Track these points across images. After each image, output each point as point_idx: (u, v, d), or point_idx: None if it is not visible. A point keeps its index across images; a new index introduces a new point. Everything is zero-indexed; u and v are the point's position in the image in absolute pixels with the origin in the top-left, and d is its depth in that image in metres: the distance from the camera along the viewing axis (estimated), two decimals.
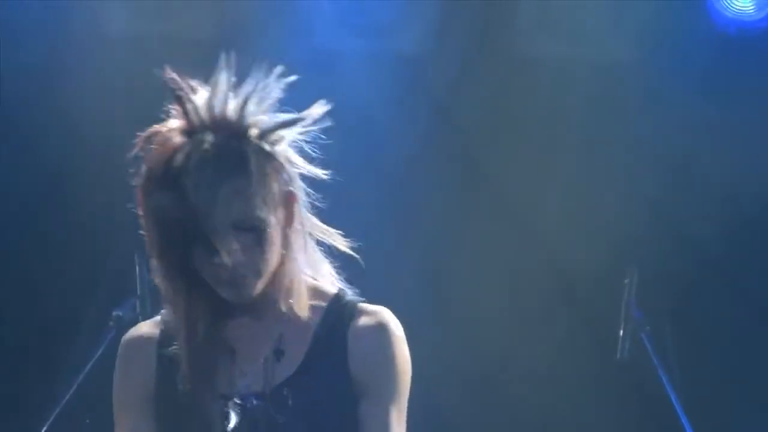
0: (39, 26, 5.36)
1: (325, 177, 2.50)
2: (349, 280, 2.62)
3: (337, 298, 2.71)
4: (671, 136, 4.93)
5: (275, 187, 2.56)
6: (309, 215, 2.64)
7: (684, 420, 4.56)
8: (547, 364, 5.08)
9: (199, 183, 2.49)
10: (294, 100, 4.25)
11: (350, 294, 2.71)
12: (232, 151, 2.50)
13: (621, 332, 4.67)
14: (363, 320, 2.73)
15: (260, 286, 2.62)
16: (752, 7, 5.01)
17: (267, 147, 2.52)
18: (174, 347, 2.76)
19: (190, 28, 5.00)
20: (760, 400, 5.05)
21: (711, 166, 4.92)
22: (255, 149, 2.51)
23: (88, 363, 4.73)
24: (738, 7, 5.01)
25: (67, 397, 4.65)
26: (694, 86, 4.93)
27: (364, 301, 2.68)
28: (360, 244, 3.59)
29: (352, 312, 2.71)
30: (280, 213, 2.59)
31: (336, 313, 2.73)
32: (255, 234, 2.54)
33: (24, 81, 5.39)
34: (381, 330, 2.71)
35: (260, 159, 2.52)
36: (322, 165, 3.15)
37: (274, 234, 2.58)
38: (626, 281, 4.63)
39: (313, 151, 2.96)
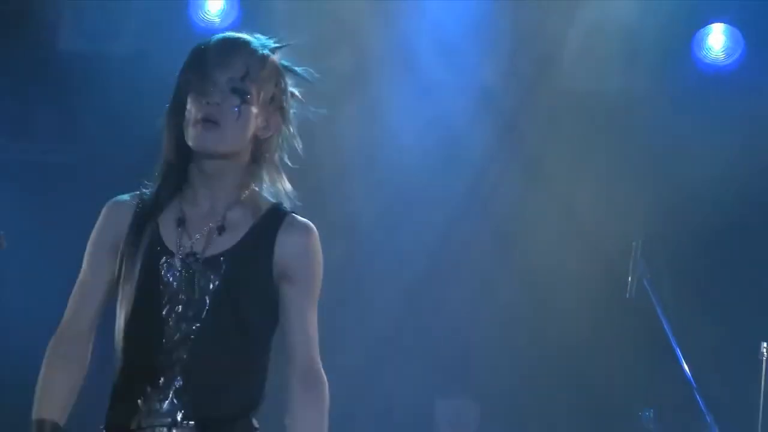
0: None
1: (316, 117, 3.28)
2: (302, 199, 3.30)
3: (276, 205, 3.24)
4: (669, 144, 6.42)
5: (268, 82, 3.21)
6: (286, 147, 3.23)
7: (673, 342, 5.81)
8: (578, 301, 6.40)
9: (214, 50, 3.21)
10: (404, 124, 5.70)
11: (290, 202, 3.30)
12: (247, 42, 3.23)
13: (629, 278, 5.83)
14: (292, 222, 3.25)
15: (223, 143, 3.21)
16: (723, 56, 6.56)
17: (273, 57, 3.24)
18: (146, 211, 3.36)
19: None
20: (734, 333, 6.31)
21: (697, 163, 6.28)
22: (263, 53, 3.21)
23: None
24: (713, 56, 6.58)
25: None
26: (685, 108, 6.41)
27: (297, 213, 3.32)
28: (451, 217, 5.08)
29: (285, 215, 3.24)
30: (264, 110, 3.22)
31: (272, 214, 3.25)
32: (240, 100, 3.13)
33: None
34: (305, 232, 3.27)
35: (264, 57, 3.21)
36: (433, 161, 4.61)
37: (252, 112, 3.17)
38: (634, 243, 5.80)
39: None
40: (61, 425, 3.34)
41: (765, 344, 5.72)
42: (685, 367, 5.94)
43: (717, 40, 6.74)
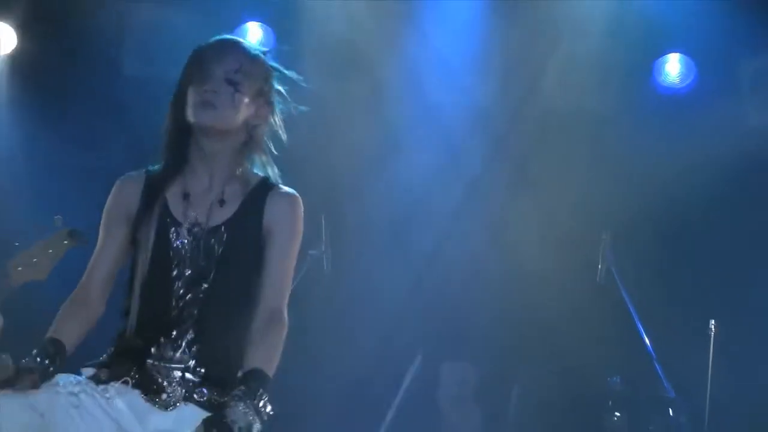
0: None
1: (299, 110, 3.63)
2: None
3: (264, 179, 3.59)
4: (634, 154, 7.06)
5: (257, 78, 3.52)
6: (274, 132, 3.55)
7: (636, 320, 6.48)
8: (556, 285, 7.05)
9: (212, 48, 3.53)
10: (411, 136, 6.40)
11: (275, 175, 3.62)
12: (240, 43, 3.58)
13: (599, 266, 6.55)
14: (279, 192, 3.59)
15: (220, 120, 3.49)
16: (678, 80, 7.41)
17: (263, 58, 3.55)
18: (155, 185, 3.58)
19: None
20: (688, 312, 6.82)
21: (657, 169, 6.98)
22: (255, 53, 3.54)
23: None
24: (670, 81, 7.39)
25: None
26: (647, 124, 7.15)
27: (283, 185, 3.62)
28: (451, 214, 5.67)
29: (273, 187, 3.58)
30: (254, 102, 3.53)
31: (261, 186, 3.58)
32: (233, 89, 3.46)
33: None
34: (288, 199, 3.61)
35: (255, 56, 3.54)
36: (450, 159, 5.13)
37: (243, 100, 3.49)
38: (603, 236, 6.58)
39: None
40: (67, 351, 3.56)
41: (713, 322, 6.38)
42: (646, 340, 6.54)
43: (673, 67, 7.43)
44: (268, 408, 3.48)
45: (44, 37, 7.28)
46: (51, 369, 3.49)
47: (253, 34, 7.04)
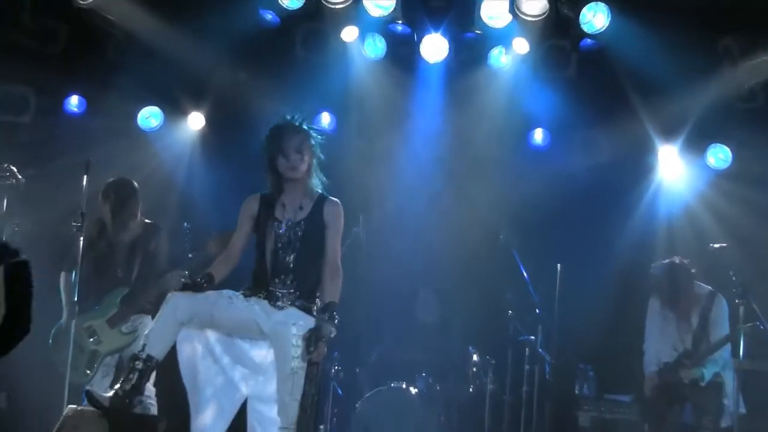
0: None
1: (323, 158, 5.43)
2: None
3: (321, 193, 5.42)
4: (516, 178, 9.26)
5: (308, 143, 5.44)
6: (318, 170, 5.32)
7: (521, 265, 8.55)
8: (475, 245, 9.37)
9: (285, 133, 5.39)
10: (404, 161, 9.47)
11: (326, 189, 5.39)
12: (298, 127, 5.48)
13: (500, 236, 8.66)
14: (330, 201, 5.43)
15: (300, 174, 5.32)
16: (541, 143, 9.39)
17: (310, 133, 5.48)
18: (267, 202, 5.37)
19: None
20: (549, 264, 8.57)
21: (532, 186, 9.24)
22: (307, 133, 5.45)
23: None
24: (536, 143, 9.38)
25: None
26: (525, 164, 9.48)
27: (332, 197, 5.37)
28: (427, 207, 9.04)
29: (326, 198, 5.42)
30: (309, 157, 5.44)
31: (320, 198, 5.42)
32: (300, 157, 5.35)
33: None
34: (336, 206, 5.49)
35: (307, 134, 5.46)
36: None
37: (305, 161, 5.40)
38: (501, 217, 8.93)
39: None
40: (215, 281, 5.43)
41: (559, 265, 8.42)
42: (525, 275, 8.73)
43: (539, 136, 9.90)
44: (336, 320, 5.27)
45: (220, 116, 9.73)
46: (206, 286, 5.33)
47: (323, 119, 9.64)
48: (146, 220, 7.84)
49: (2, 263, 4.61)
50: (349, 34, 9.33)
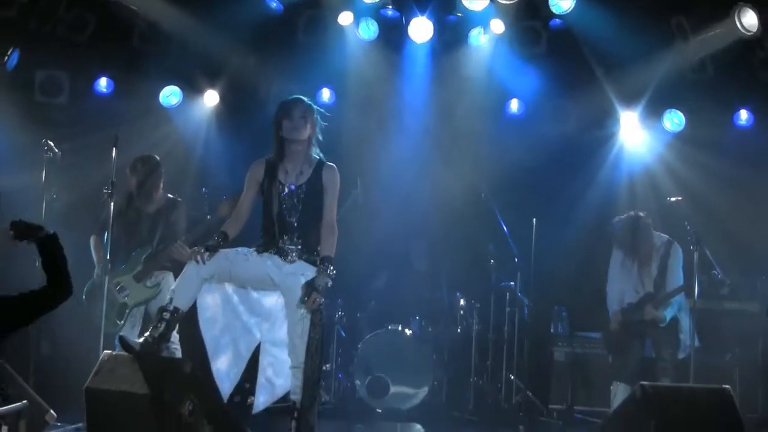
0: None
1: (325, 123, 5.90)
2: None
3: (320, 159, 5.98)
4: (496, 147, 9.91)
5: (312, 115, 6.00)
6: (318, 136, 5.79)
7: (500, 219, 9.12)
8: (459, 205, 9.97)
9: (292, 102, 6.00)
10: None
11: (324, 158, 5.92)
12: (303, 100, 6.06)
13: (482, 194, 8.99)
14: (327, 166, 5.97)
15: (302, 137, 5.83)
16: (517, 112, 10.08)
17: (314, 108, 6.03)
18: (272, 166, 5.89)
19: None
20: (525, 220, 8.96)
21: (508, 153, 9.91)
22: (309, 104, 6.01)
23: None
24: (512, 112, 9.94)
25: None
26: (502, 133, 10.10)
27: (329, 161, 5.87)
28: (417, 180, 9.83)
29: (324, 164, 5.97)
30: (311, 126, 5.99)
31: (319, 163, 5.98)
32: (304, 120, 5.93)
33: None
34: (333, 170, 6.01)
35: (311, 107, 6.03)
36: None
37: (309, 126, 5.96)
38: (483, 185, 9.24)
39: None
40: (229, 239, 5.78)
41: (534, 219, 8.76)
42: (505, 228, 9.22)
43: (515, 105, 10.44)
44: (332, 272, 5.74)
45: (233, 93, 10.29)
46: (222, 244, 5.78)
47: (324, 94, 10.18)
48: (169, 195, 8.28)
49: (36, 239, 5.03)
50: (345, 18, 9.95)
